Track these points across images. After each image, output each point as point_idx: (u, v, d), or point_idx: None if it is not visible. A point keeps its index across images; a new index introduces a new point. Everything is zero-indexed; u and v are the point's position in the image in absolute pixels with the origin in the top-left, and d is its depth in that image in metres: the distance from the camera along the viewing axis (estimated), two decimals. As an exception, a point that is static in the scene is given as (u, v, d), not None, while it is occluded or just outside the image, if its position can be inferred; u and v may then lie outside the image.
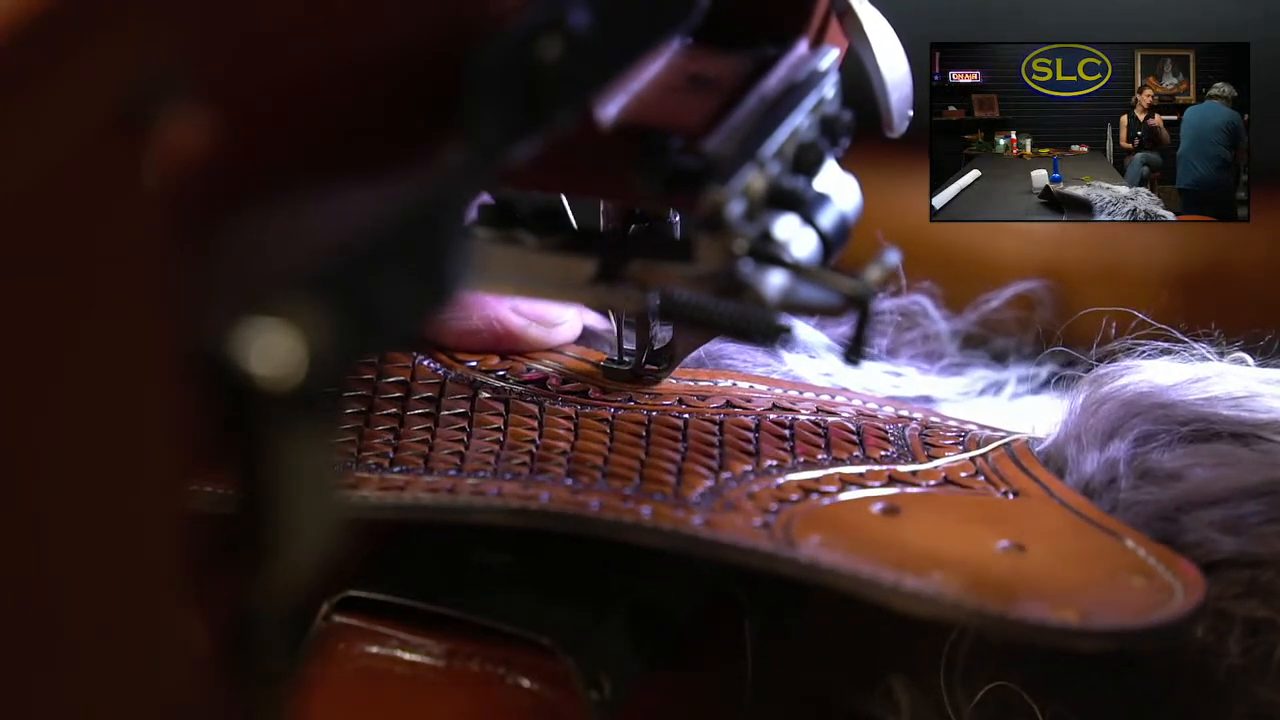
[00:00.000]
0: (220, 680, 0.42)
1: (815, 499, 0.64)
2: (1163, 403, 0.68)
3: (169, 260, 0.38)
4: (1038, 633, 0.58)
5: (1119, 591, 0.60)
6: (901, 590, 0.58)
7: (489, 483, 0.64)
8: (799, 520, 0.62)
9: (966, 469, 0.67)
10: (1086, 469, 0.67)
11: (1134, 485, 0.66)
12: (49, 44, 0.36)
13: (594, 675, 0.61)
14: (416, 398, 0.70)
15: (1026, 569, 0.61)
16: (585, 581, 0.64)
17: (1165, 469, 0.66)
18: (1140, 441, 0.67)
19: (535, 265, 0.62)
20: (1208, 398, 0.68)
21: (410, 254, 0.45)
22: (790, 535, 0.61)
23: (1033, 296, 0.84)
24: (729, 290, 0.59)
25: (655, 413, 0.69)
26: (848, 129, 0.62)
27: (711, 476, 0.65)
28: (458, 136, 0.46)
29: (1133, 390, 0.69)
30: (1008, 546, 0.62)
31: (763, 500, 0.63)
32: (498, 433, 0.67)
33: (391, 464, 0.66)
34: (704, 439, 0.67)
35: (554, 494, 0.63)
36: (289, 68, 0.42)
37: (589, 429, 0.68)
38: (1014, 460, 0.68)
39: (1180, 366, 0.70)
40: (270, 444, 0.40)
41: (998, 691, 0.64)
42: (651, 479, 0.64)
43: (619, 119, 0.58)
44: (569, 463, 0.65)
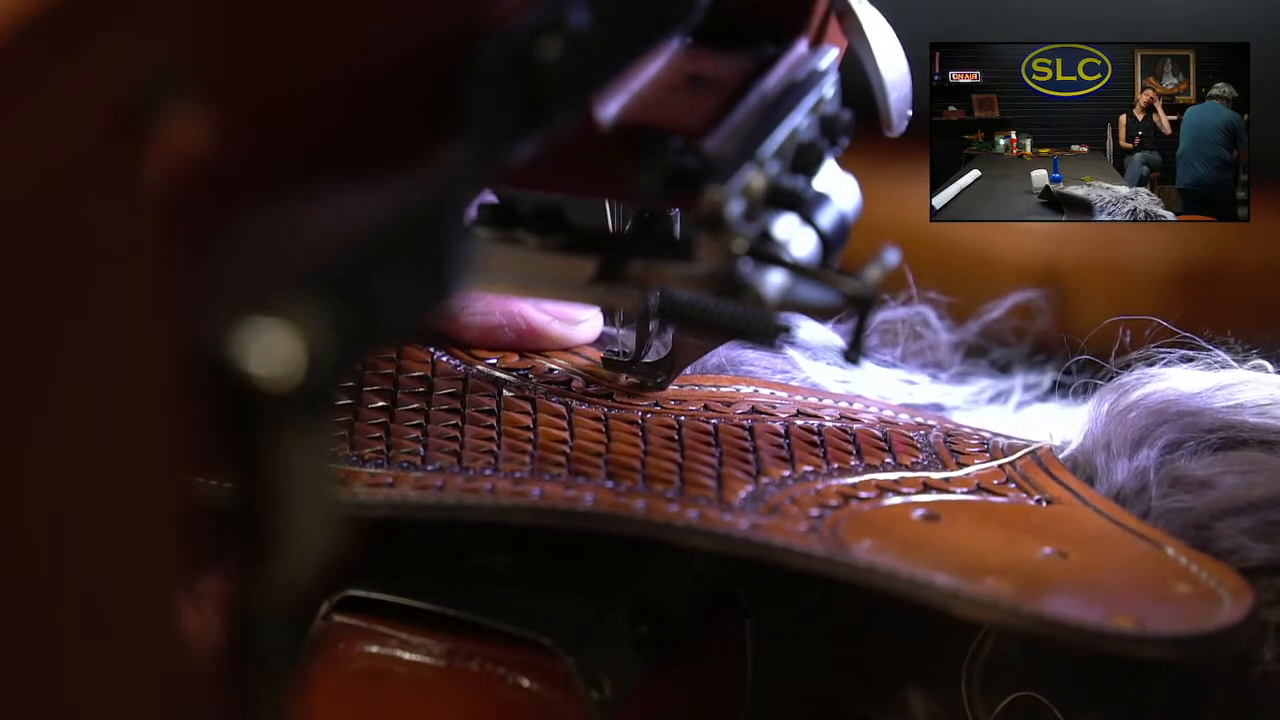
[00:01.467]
0: (220, 680, 0.42)
1: (855, 505, 0.64)
2: (1189, 410, 0.68)
3: (169, 260, 0.38)
4: (1096, 639, 0.58)
5: (1168, 598, 0.60)
6: (961, 595, 0.58)
7: (529, 483, 0.64)
8: (845, 525, 0.62)
9: (998, 476, 0.67)
10: (1118, 477, 0.67)
11: (1165, 493, 0.66)
12: (49, 44, 0.36)
13: (594, 675, 0.62)
14: (441, 393, 0.69)
15: (1073, 576, 0.61)
16: (585, 581, 0.64)
17: (1196, 476, 0.66)
18: (1168, 449, 0.67)
19: (535, 265, 0.62)
20: (1234, 405, 0.68)
21: (410, 254, 0.45)
22: (841, 539, 0.61)
23: (1032, 305, 0.84)
24: (729, 290, 0.59)
25: (684, 417, 0.69)
26: (847, 129, 0.62)
27: (751, 481, 0.64)
28: (458, 136, 0.46)
29: (1159, 398, 0.69)
30: (1051, 553, 0.62)
31: (805, 505, 0.63)
32: (528, 432, 0.67)
33: (424, 461, 0.66)
34: (737, 444, 0.67)
35: (598, 496, 0.63)
36: (289, 68, 0.42)
37: (620, 432, 0.67)
38: (1043, 468, 0.68)
39: (1203, 374, 0.70)
40: (270, 444, 0.40)
41: (1020, 702, 0.64)
42: (692, 483, 0.64)
43: (619, 119, 0.58)
44: (606, 465, 0.65)
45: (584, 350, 0.73)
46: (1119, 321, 0.75)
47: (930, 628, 0.64)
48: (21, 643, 0.38)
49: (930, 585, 0.59)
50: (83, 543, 0.38)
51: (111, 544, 0.39)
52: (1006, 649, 0.64)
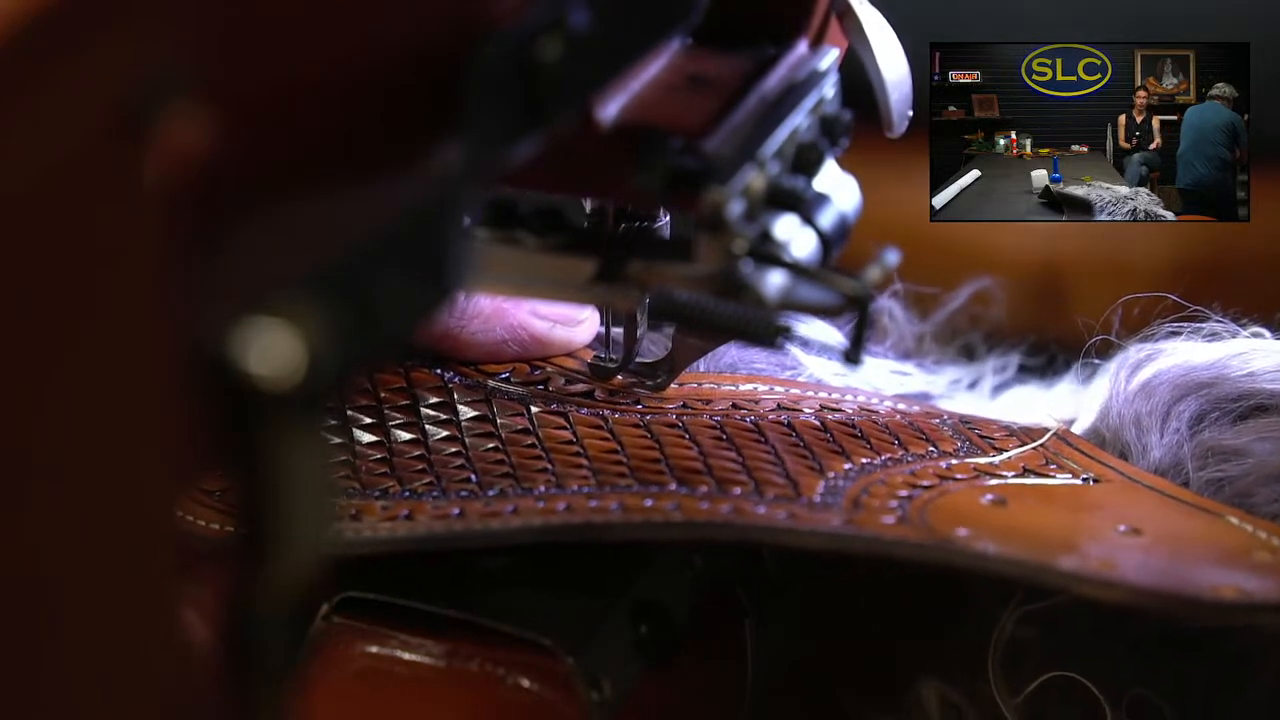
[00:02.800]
0: (220, 680, 0.42)
1: (925, 494, 0.63)
2: (1208, 381, 0.69)
3: (168, 260, 0.38)
4: (1212, 612, 0.58)
5: (1254, 567, 0.60)
6: (1085, 576, 0.58)
7: (606, 497, 0.63)
8: (929, 513, 0.62)
9: (1038, 458, 0.67)
10: (1155, 454, 0.67)
11: (1202, 465, 0.66)
12: (49, 44, 0.36)
13: (594, 675, 0.61)
14: (469, 417, 0.68)
15: (1158, 551, 0.61)
16: (585, 582, 0.64)
17: (1230, 446, 0.66)
18: (1195, 421, 0.68)
19: (535, 265, 0.62)
20: (1249, 373, 0.69)
21: (410, 254, 0.45)
22: (932, 527, 0.61)
23: (987, 293, 0.84)
24: (728, 290, 0.58)
25: (719, 417, 0.68)
26: (847, 129, 0.62)
27: (819, 476, 0.64)
28: (457, 137, 0.46)
29: (1178, 371, 0.69)
30: (1126, 530, 0.62)
31: (881, 496, 0.63)
32: (573, 445, 0.66)
33: (483, 487, 0.64)
34: (786, 440, 0.66)
35: (681, 503, 0.62)
36: (289, 68, 0.42)
37: (665, 436, 0.66)
38: (1073, 448, 0.68)
39: (1210, 346, 0.71)
40: (270, 444, 0.40)
41: (1050, 683, 0.64)
42: (765, 482, 0.63)
43: (619, 119, 0.58)
44: (671, 470, 0.64)
45: (585, 356, 0.73)
46: (1127, 301, 0.75)
47: (934, 622, 0.64)
48: (22, 642, 0.38)
49: (1053, 569, 0.58)
50: (82, 542, 0.38)
51: (111, 543, 0.39)
52: (1025, 634, 0.64)
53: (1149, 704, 0.64)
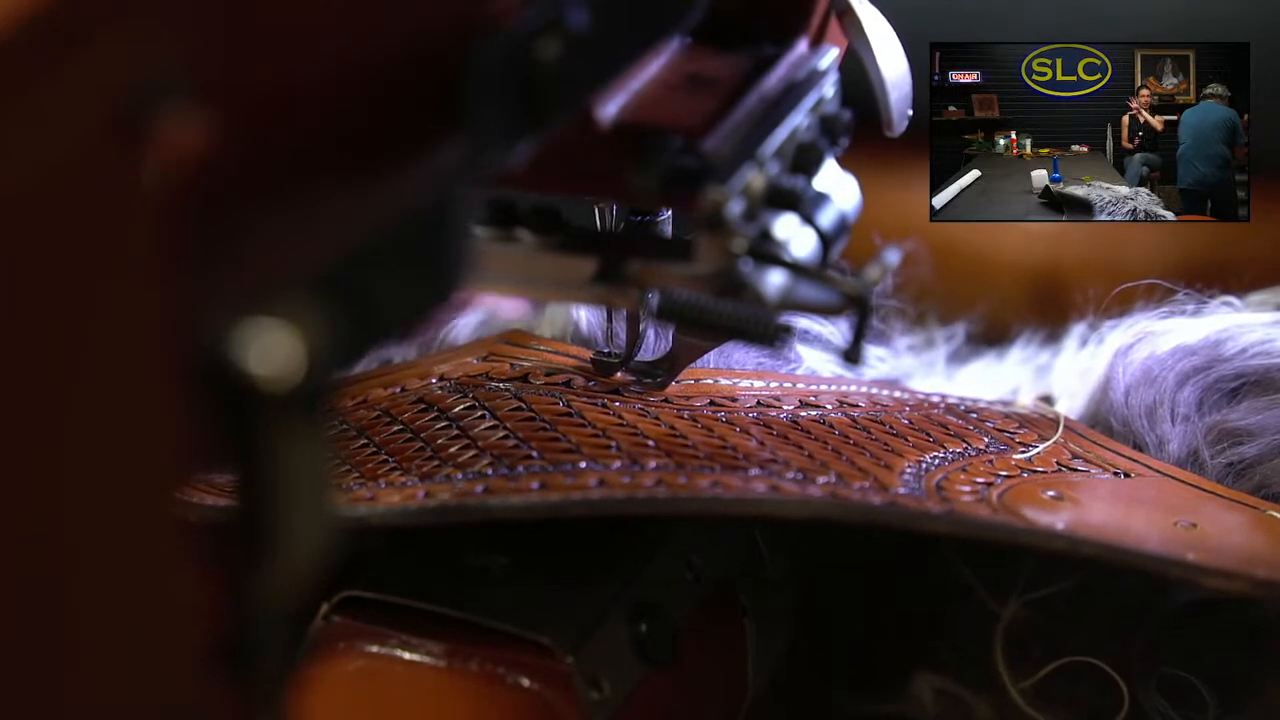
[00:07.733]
0: (220, 680, 0.42)
1: (984, 489, 0.63)
2: (1205, 364, 0.69)
3: (168, 260, 0.38)
4: None
5: None
6: (1210, 569, 0.58)
7: (698, 475, 0.61)
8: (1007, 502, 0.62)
9: (1063, 453, 0.67)
10: (1173, 446, 0.68)
11: (1216, 449, 0.67)
12: (49, 44, 0.36)
13: (594, 675, 0.61)
14: (508, 409, 0.67)
15: (1221, 544, 0.61)
16: (585, 582, 0.64)
17: (1241, 427, 0.67)
18: (1200, 405, 0.68)
19: (535, 265, 0.62)
20: (1241, 349, 0.69)
21: (410, 254, 0.45)
22: (1022, 516, 0.60)
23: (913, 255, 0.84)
24: (728, 290, 0.58)
25: (756, 414, 0.68)
26: (847, 128, 0.62)
27: (892, 471, 0.63)
28: (457, 136, 0.46)
29: (1178, 355, 0.70)
30: (1184, 524, 0.62)
31: (953, 487, 0.63)
32: (632, 428, 0.65)
33: (510, 467, 0.63)
34: (827, 436, 0.66)
35: (775, 486, 0.61)
36: (288, 68, 0.42)
37: (715, 428, 0.66)
38: (1084, 437, 0.68)
39: (1196, 323, 0.71)
40: (269, 444, 0.40)
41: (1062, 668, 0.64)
42: (842, 472, 0.63)
43: (618, 119, 0.58)
44: (744, 457, 0.63)
45: (565, 348, 0.72)
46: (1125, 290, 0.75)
47: (933, 617, 0.64)
48: (22, 642, 0.38)
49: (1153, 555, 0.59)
50: (82, 542, 0.38)
51: (111, 543, 0.39)
52: (1029, 620, 0.64)
53: (1181, 681, 0.64)
